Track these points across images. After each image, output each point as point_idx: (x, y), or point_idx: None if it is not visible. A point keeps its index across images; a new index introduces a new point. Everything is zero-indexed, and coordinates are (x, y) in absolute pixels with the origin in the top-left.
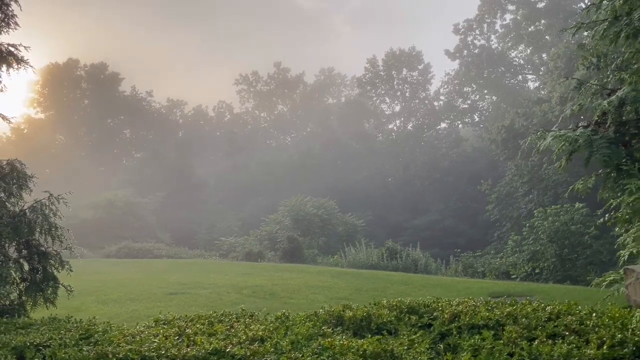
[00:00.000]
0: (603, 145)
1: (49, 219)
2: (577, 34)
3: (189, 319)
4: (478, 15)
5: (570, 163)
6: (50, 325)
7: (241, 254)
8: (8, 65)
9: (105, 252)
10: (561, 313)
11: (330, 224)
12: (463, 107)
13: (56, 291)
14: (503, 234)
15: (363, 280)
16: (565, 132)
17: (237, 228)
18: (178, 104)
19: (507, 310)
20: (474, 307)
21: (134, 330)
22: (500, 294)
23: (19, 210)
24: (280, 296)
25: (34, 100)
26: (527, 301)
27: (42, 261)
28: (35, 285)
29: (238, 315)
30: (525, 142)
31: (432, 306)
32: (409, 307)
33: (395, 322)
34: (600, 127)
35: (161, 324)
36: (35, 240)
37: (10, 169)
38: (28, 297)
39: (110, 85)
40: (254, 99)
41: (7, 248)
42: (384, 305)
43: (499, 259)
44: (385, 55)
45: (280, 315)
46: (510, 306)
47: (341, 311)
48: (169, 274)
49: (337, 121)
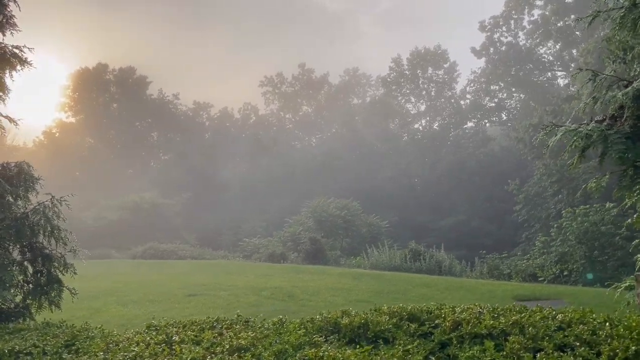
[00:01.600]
0: (618, 141)
1: (52, 221)
2: (597, 25)
3: (182, 325)
4: (505, 11)
5: (592, 160)
6: (41, 331)
7: (264, 255)
8: (11, 67)
9: (132, 253)
10: (573, 322)
11: (353, 225)
12: (490, 106)
13: (60, 294)
14: (531, 235)
15: (384, 282)
16: (577, 126)
17: (261, 229)
18: (204, 106)
19: (513, 319)
20: (479, 315)
21: (120, 337)
22: (525, 297)
23: (22, 213)
24: (299, 298)
25: (65, 105)
26: (537, 308)
27: (46, 264)
28: (39, 288)
29: (233, 321)
30: (554, 140)
31: (434, 313)
32: (410, 313)
33: (393, 330)
34: (617, 122)
35: (152, 329)
36: (39, 243)
37: (18, 171)
38: (33, 300)
39: (138, 88)
40: (279, 101)
41: (12, 251)
42: (384, 312)
43: (526, 261)
44: (410, 55)
45: (276, 321)
46: (518, 313)
47: (338, 318)
48: (190, 275)
49: (362, 121)
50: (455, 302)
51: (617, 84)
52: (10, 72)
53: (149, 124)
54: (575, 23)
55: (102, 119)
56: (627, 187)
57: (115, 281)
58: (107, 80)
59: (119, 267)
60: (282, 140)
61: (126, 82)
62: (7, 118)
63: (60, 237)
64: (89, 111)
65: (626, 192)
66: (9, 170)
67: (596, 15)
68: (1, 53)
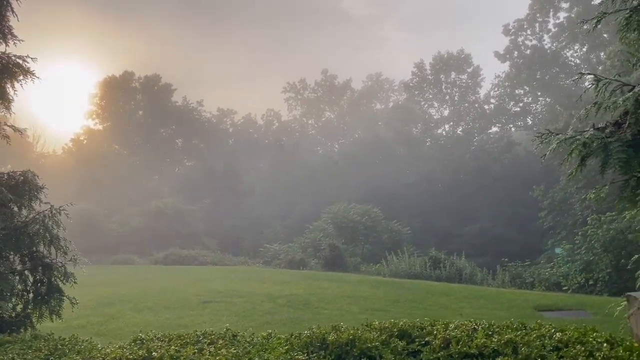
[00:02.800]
0: (619, 150)
1: (52, 230)
2: (597, 26)
3: (168, 339)
4: (529, 14)
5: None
6: (26, 343)
7: (284, 261)
8: (14, 77)
9: (154, 259)
10: (570, 341)
11: (374, 231)
12: (515, 110)
13: (61, 303)
14: (557, 242)
15: (403, 290)
16: (574, 135)
17: (283, 235)
18: (228, 113)
19: (507, 337)
20: (471, 332)
21: (100, 352)
22: (546, 307)
23: (21, 222)
24: (314, 306)
25: (93, 112)
26: (537, 324)
27: (46, 273)
28: (40, 297)
29: (220, 335)
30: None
31: (427, 329)
32: (401, 329)
33: (380, 348)
34: (620, 129)
35: (137, 343)
36: (39, 252)
37: (23, 180)
38: (34, 310)
39: (163, 96)
40: (301, 107)
41: (12, 260)
42: (375, 327)
43: (550, 269)
44: (433, 59)
45: (265, 335)
46: (515, 331)
47: (326, 333)
48: (208, 281)
49: (384, 127)
50: (474, 312)
51: (621, 89)
52: (12, 82)
53: (173, 130)
54: (581, 25)
55: (128, 126)
56: (628, 198)
57: (133, 287)
58: (134, 88)
59: (140, 273)
60: (304, 145)
61: (151, 90)
62: (12, 127)
63: (60, 246)
64: (116, 118)
65: (627, 204)
66: (14, 180)
67: (601, 17)
68: (4, 63)
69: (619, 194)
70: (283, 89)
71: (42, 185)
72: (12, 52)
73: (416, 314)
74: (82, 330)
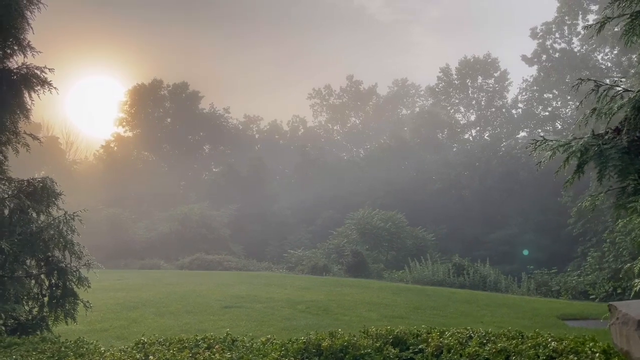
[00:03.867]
0: (615, 156)
1: (66, 236)
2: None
3: (170, 343)
4: (557, 17)
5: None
6: (32, 346)
7: (307, 267)
8: (31, 88)
9: (180, 264)
10: (565, 351)
11: (398, 237)
12: (544, 115)
13: (75, 306)
14: (587, 249)
15: (424, 297)
16: (567, 141)
17: (307, 241)
18: (254, 119)
19: (500, 346)
20: (466, 340)
21: (100, 356)
22: (571, 316)
23: (36, 228)
24: (334, 312)
25: (123, 120)
26: (535, 333)
27: (61, 277)
28: (55, 300)
29: (219, 340)
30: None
31: (422, 337)
32: (396, 337)
33: (373, 355)
34: (619, 135)
35: (139, 346)
36: (54, 257)
37: (42, 187)
38: (49, 313)
39: (191, 103)
40: (327, 113)
41: (29, 264)
42: (371, 334)
43: (577, 277)
44: (459, 64)
45: (264, 340)
46: (510, 339)
47: (321, 339)
48: (231, 286)
49: (410, 132)
50: (495, 320)
51: (621, 95)
52: (29, 92)
53: (201, 137)
54: (585, 29)
55: (156, 133)
56: (623, 206)
57: (157, 292)
58: (162, 95)
59: (165, 278)
60: (330, 151)
61: (180, 97)
62: (31, 135)
63: (74, 251)
64: (145, 125)
65: (622, 210)
66: (32, 186)
67: (605, 22)
68: (22, 74)
69: (614, 202)
70: (308, 95)
71: (59, 192)
72: (31, 63)
73: (436, 321)
74: (105, 334)
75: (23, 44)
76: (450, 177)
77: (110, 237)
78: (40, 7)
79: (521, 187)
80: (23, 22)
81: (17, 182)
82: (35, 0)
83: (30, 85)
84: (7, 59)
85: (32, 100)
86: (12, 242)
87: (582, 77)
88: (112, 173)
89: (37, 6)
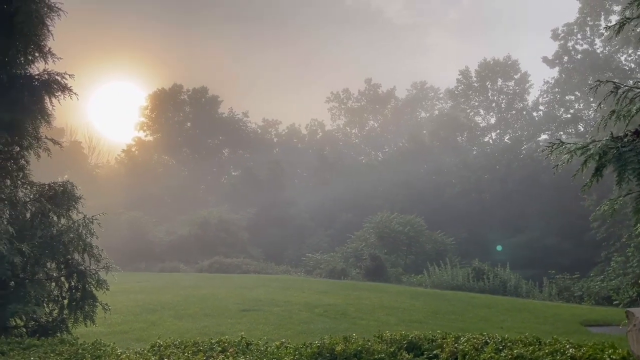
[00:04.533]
0: (633, 159)
1: (85, 239)
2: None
3: (185, 345)
4: (579, 18)
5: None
6: (51, 347)
7: (325, 271)
8: (52, 93)
9: (199, 267)
10: (583, 358)
11: (417, 241)
12: (565, 117)
13: (94, 309)
14: (611, 254)
15: (443, 302)
16: (585, 144)
17: (325, 244)
18: (273, 123)
19: (516, 352)
20: (482, 346)
21: (117, 358)
22: (594, 322)
23: (56, 231)
24: (351, 317)
25: (144, 124)
26: (553, 339)
27: (81, 280)
28: (74, 302)
29: (233, 343)
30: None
31: (437, 342)
32: (410, 342)
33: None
34: (638, 138)
35: (154, 349)
36: (74, 259)
37: (63, 191)
38: (69, 315)
39: (210, 108)
40: (345, 116)
41: (49, 267)
42: (385, 339)
43: (600, 283)
44: (479, 66)
45: (278, 344)
46: (527, 346)
47: (335, 344)
48: (249, 289)
49: (429, 135)
50: (515, 325)
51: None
52: (50, 98)
53: (220, 141)
54: (606, 30)
55: (176, 137)
56: None
57: (176, 294)
58: (182, 100)
59: (184, 281)
60: (348, 155)
61: (199, 102)
62: (52, 140)
63: (93, 254)
64: (165, 130)
65: None
66: (53, 190)
67: (624, 23)
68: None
69: (634, 206)
70: (327, 98)
71: (79, 196)
72: (52, 70)
73: (455, 326)
74: (124, 336)
75: (44, 51)
76: (470, 180)
77: (131, 240)
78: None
79: (543, 190)
80: (44, 29)
81: (38, 186)
82: (56, 7)
83: (51, 91)
84: (28, 65)
85: (52, 106)
86: (33, 245)
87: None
88: (133, 177)
89: (57, 13)
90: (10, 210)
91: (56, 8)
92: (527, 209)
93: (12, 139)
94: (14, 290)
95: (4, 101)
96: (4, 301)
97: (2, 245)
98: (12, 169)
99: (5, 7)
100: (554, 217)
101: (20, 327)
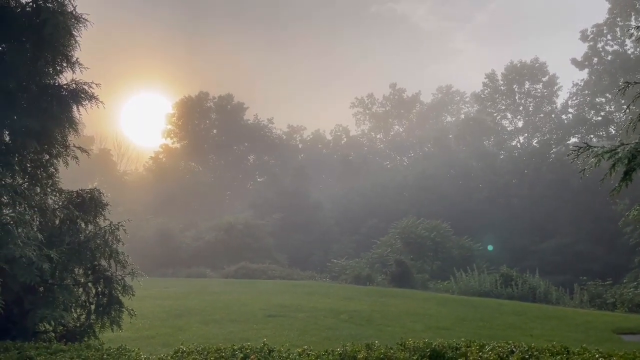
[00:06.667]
0: None
1: (112, 245)
2: None
3: (207, 352)
4: (608, 18)
5: None
6: (77, 352)
7: (350, 276)
8: (79, 102)
9: (225, 273)
10: None
11: (443, 247)
12: (596, 120)
13: (121, 314)
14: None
15: (470, 309)
16: (612, 148)
17: (351, 250)
18: (298, 129)
19: None
20: (507, 355)
21: None
22: (627, 330)
23: (84, 237)
24: (377, 323)
25: (171, 132)
26: (582, 348)
27: (107, 285)
28: (101, 308)
29: (256, 350)
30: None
31: (461, 350)
32: (433, 350)
33: None
34: None
35: (177, 355)
36: (101, 265)
37: (90, 198)
38: (96, 320)
39: (236, 114)
40: (369, 121)
41: (77, 273)
42: (408, 347)
43: (634, 289)
44: (505, 69)
45: (300, 351)
46: (554, 355)
47: (357, 351)
48: (274, 295)
49: (455, 139)
50: (545, 333)
51: None
52: (77, 107)
53: (245, 147)
54: (637, 30)
55: (203, 144)
56: None
57: (202, 300)
58: (208, 107)
59: (210, 286)
60: (373, 160)
61: (225, 109)
62: (80, 148)
63: (119, 260)
64: (192, 137)
65: None
66: (81, 197)
67: None
68: (71, 89)
69: None
70: (351, 104)
71: (106, 202)
72: (80, 79)
73: (482, 333)
74: (151, 341)
75: (71, 61)
76: (498, 184)
77: (158, 246)
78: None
79: (573, 194)
80: (71, 40)
81: (67, 193)
82: (82, 18)
83: (78, 100)
84: (57, 75)
85: (80, 115)
86: (61, 252)
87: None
88: (161, 183)
89: (84, 24)
90: (40, 217)
91: (83, 19)
92: (556, 214)
93: (41, 147)
94: (42, 295)
95: (33, 110)
96: (33, 306)
97: (32, 251)
98: (41, 177)
99: (34, 20)
100: (585, 222)
101: (49, 332)
